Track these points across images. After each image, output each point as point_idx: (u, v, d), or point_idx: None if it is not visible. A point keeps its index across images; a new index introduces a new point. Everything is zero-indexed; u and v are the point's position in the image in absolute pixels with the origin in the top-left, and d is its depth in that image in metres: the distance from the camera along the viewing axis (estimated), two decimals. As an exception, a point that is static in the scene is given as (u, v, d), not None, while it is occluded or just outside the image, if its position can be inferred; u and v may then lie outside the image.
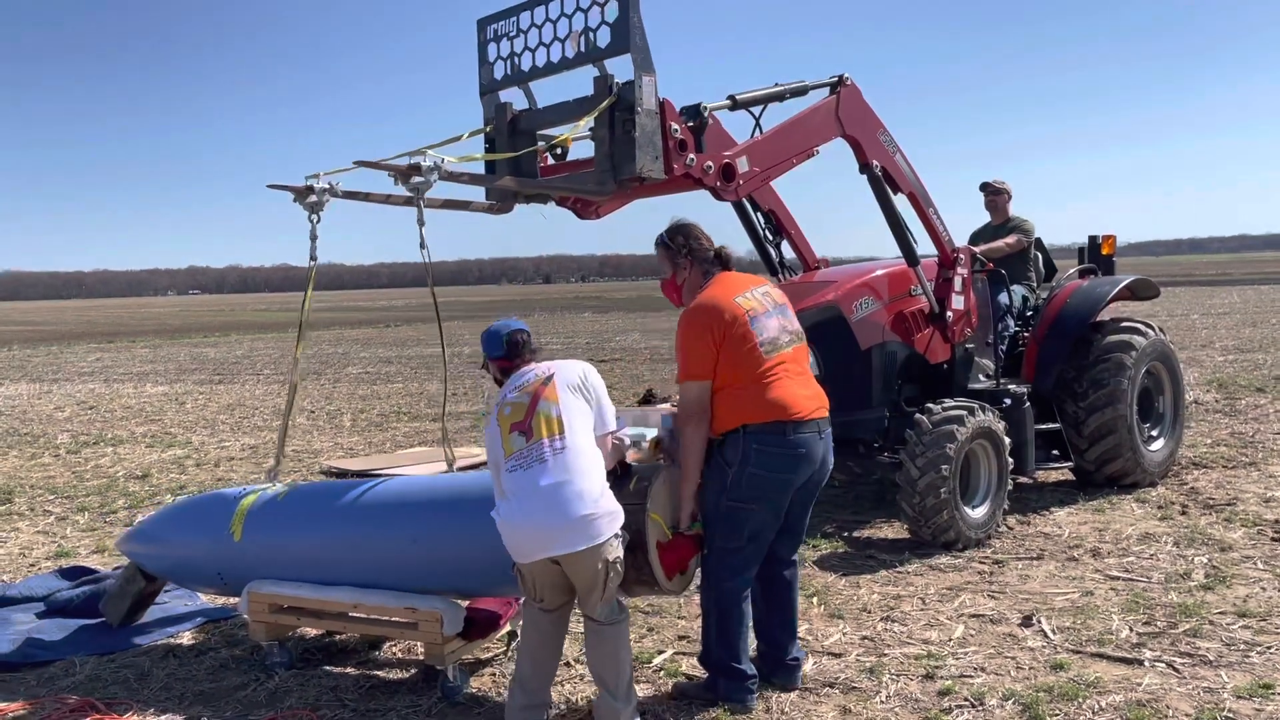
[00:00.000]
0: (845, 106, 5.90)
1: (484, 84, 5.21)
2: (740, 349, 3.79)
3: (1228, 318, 24.59)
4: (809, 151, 5.78)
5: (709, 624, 3.92)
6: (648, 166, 4.58)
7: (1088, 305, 7.20)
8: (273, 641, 4.48)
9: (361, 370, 20.04)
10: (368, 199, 4.76)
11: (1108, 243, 8.00)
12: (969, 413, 5.92)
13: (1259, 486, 7.10)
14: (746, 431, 3.77)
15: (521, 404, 3.64)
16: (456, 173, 4.27)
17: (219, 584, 4.71)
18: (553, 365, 3.79)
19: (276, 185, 4.53)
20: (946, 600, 5.05)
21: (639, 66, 4.49)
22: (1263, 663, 4.09)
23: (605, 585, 3.55)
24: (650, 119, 4.56)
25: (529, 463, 3.52)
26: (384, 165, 4.09)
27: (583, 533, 3.45)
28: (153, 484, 8.95)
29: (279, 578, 4.42)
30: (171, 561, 4.76)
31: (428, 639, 4.13)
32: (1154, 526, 6.21)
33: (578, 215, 5.88)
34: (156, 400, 15.87)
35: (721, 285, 3.94)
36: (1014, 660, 4.25)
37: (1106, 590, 5.09)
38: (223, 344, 31.85)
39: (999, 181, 7.76)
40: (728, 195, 5.33)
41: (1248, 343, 17.85)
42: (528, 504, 3.49)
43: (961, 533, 5.84)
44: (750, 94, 5.60)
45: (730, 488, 3.77)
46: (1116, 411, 6.90)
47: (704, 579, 3.92)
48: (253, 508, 4.54)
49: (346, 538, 4.32)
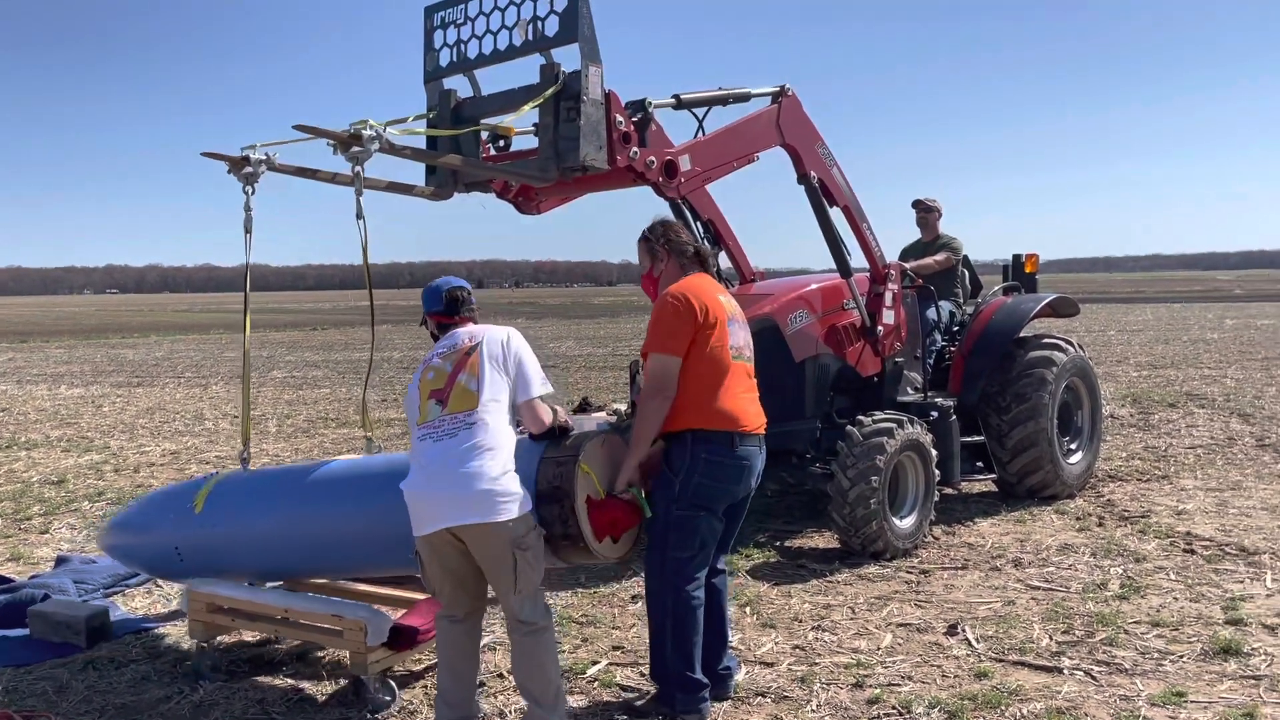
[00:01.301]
0: (785, 116, 6.00)
1: (429, 71, 5.16)
2: (711, 345, 3.82)
3: (1142, 334, 25.44)
4: (750, 157, 5.88)
5: (663, 636, 3.85)
6: (591, 156, 4.59)
7: (1012, 322, 7.41)
8: (204, 643, 4.46)
9: (287, 374, 19.67)
10: (303, 174, 4.69)
11: (1030, 261, 8.25)
12: (898, 425, 6.04)
13: (1171, 499, 7.37)
14: (695, 438, 3.78)
15: (444, 372, 3.66)
16: (399, 146, 4.21)
17: (176, 563, 4.56)
18: (479, 333, 3.77)
19: (211, 154, 4.46)
20: (875, 609, 5.15)
21: (586, 56, 4.50)
22: (1175, 671, 4.25)
23: (516, 573, 3.48)
24: (596, 109, 4.58)
25: (440, 435, 3.54)
26: (324, 132, 4.01)
27: (482, 506, 3.43)
28: (69, 490, 8.69)
29: (235, 554, 4.41)
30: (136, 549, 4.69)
31: (352, 647, 4.09)
32: (1072, 537, 6.40)
33: (519, 209, 5.87)
34: (72, 403, 15.40)
35: (704, 281, 3.98)
36: (940, 669, 4.35)
37: (1027, 600, 5.23)
38: (142, 345, 31.03)
39: (931, 199, 7.95)
40: (669, 192, 5.38)
41: (1161, 359, 18.49)
42: (431, 473, 3.51)
43: (890, 543, 5.96)
44: (694, 95, 5.67)
45: (678, 497, 3.78)
46: (1038, 425, 7.10)
47: (656, 590, 3.87)
48: (219, 483, 4.53)
49: (306, 514, 4.29)
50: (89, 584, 5.61)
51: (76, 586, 5.54)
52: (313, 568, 4.57)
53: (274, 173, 4.55)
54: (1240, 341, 22.26)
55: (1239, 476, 8.11)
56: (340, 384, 17.62)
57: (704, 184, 5.78)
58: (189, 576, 4.56)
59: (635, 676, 4.35)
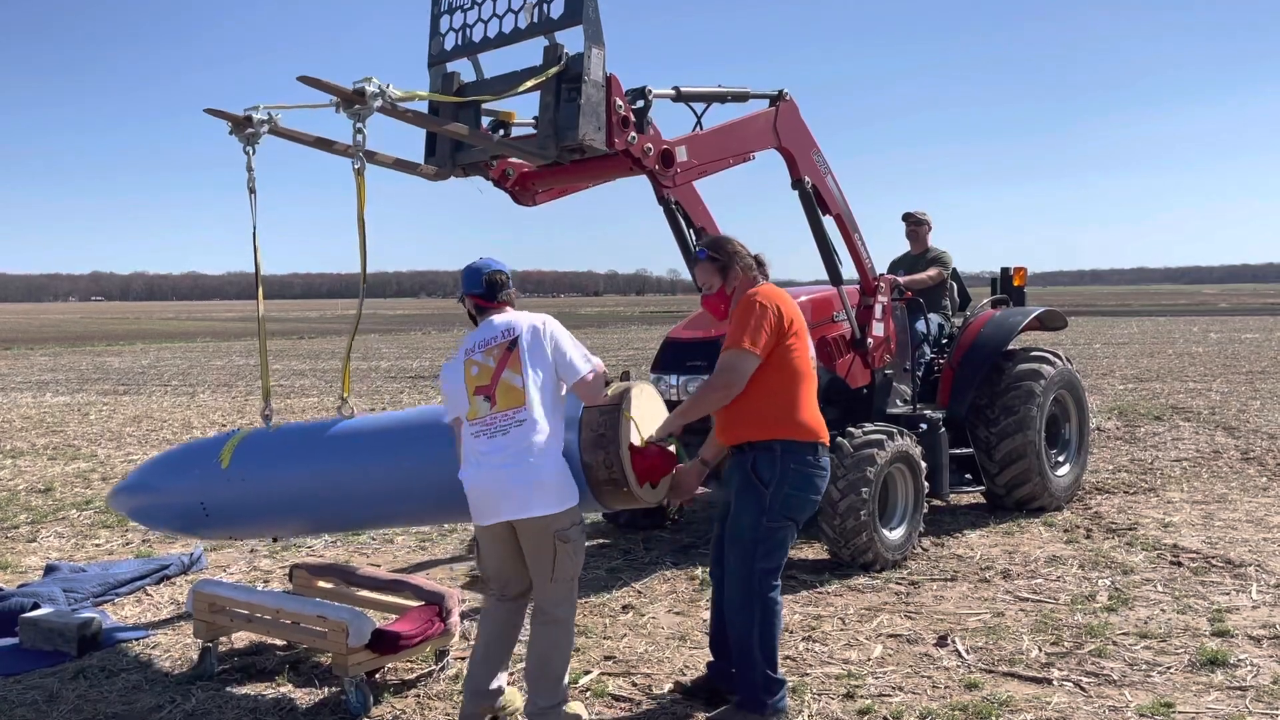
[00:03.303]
0: (783, 120, 6.06)
1: (433, 55, 5.18)
2: (795, 353, 3.88)
3: (1128, 347, 25.60)
4: (746, 155, 5.93)
5: (751, 643, 3.84)
6: (590, 135, 4.62)
7: (1000, 335, 7.46)
8: (208, 643, 4.55)
9: (274, 383, 19.60)
10: (304, 141, 4.70)
11: (1019, 274, 8.31)
12: (888, 437, 6.08)
13: (1158, 512, 7.42)
14: (785, 449, 3.84)
15: (487, 368, 3.77)
16: (401, 108, 4.22)
17: (201, 519, 4.59)
18: (516, 324, 3.82)
19: (214, 111, 4.46)
20: (865, 620, 5.17)
21: (589, 38, 4.54)
22: (1163, 682, 4.28)
23: (555, 561, 3.69)
24: (597, 90, 4.62)
25: (493, 432, 3.70)
26: (328, 85, 4.00)
27: (534, 501, 3.64)
28: (56, 498, 8.65)
29: (263, 508, 4.47)
30: (158, 508, 4.71)
31: (334, 648, 4.13)
32: (1060, 549, 6.44)
33: (515, 200, 5.89)
34: (58, 411, 15.32)
35: (780, 289, 4.03)
36: (930, 680, 4.38)
37: (1016, 611, 5.27)
38: (127, 353, 30.89)
39: (921, 213, 8.01)
40: (665, 181, 5.40)
41: (1146, 372, 18.61)
42: (487, 469, 3.69)
43: (880, 554, 5.99)
44: (694, 89, 5.72)
45: (769, 509, 3.82)
46: (1026, 437, 7.14)
47: (744, 602, 3.86)
48: (245, 438, 4.57)
49: (342, 466, 4.36)
50: (78, 593, 5.59)
51: (66, 595, 5.51)
52: (343, 520, 4.67)
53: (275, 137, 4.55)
54: (1225, 355, 22.43)
55: (1224, 489, 8.17)
56: (327, 393, 17.57)
57: (700, 176, 5.82)
58: (212, 531, 4.66)
59: (627, 686, 4.37)
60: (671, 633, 5.04)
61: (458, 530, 7.30)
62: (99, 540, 7.23)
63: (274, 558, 6.65)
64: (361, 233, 4.20)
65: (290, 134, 4.62)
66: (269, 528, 4.75)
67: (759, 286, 3.99)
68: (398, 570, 6.09)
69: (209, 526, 4.65)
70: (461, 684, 4.06)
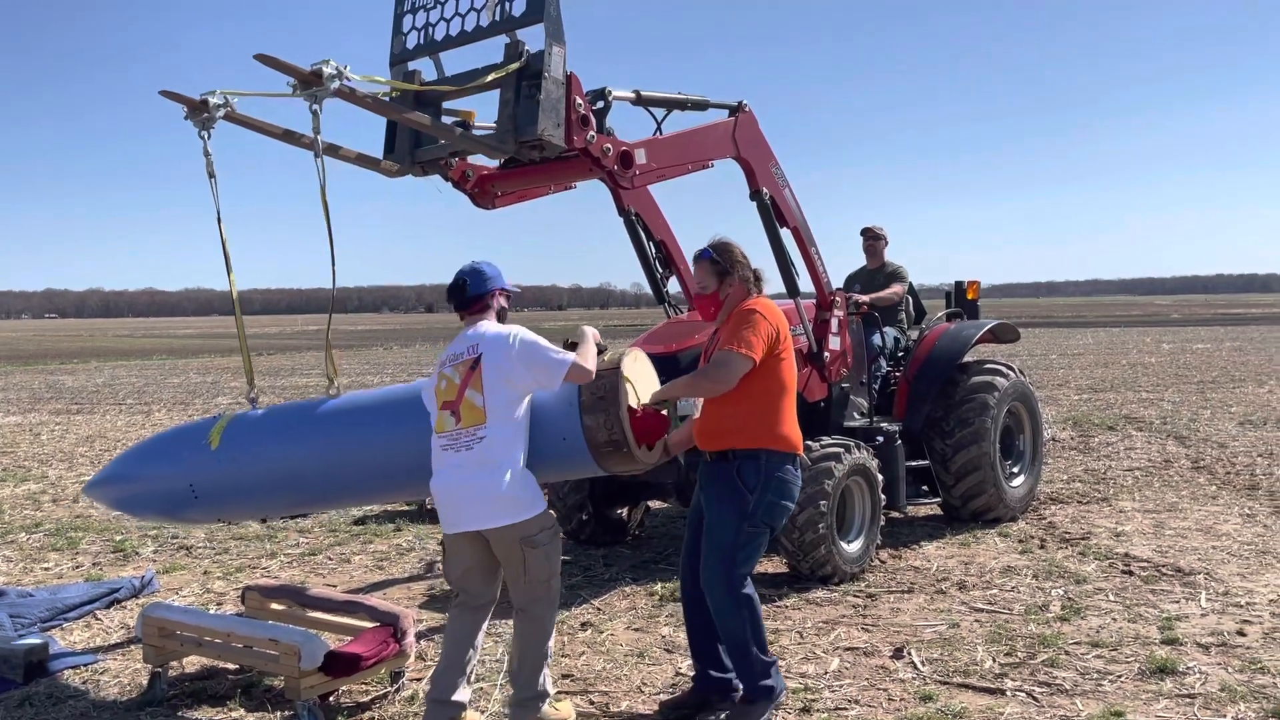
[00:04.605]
0: (742, 130, 6.11)
1: (395, 54, 5.17)
2: (784, 367, 4.07)
3: (1082, 358, 25.98)
4: (704, 163, 5.97)
5: (745, 637, 4.01)
6: (549, 131, 4.63)
7: (955, 347, 7.55)
8: (158, 668, 4.50)
9: (232, 400, 19.36)
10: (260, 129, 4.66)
11: (972, 288, 8.42)
12: (845, 450, 6.12)
13: (1110, 521, 7.53)
14: (769, 458, 4.00)
15: (454, 383, 3.92)
16: (359, 93, 4.19)
17: (189, 501, 4.52)
18: (483, 340, 3.94)
19: (170, 94, 4.40)
20: (823, 634, 5.20)
21: (550, 36, 4.56)
22: (1114, 691, 4.34)
23: (525, 565, 3.84)
24: (557, 87, 4.63)
25: (458, 446, 3.86)
26: (284, 65, 3.97)
27: (497, 512, 3.80)
28: (4, 521, 8.49)
29: (254, 488, 4.45)
30: (143, 495, 4.65)
31: (286, 671, 4.08)
32: (1015, 560, 6.52)
33: (474, 202, 5.88)
34: (8, 431, 15.03)
35: (774, 304, 4.17)
36: (885, 692, 4.41)
37: (971, 622, 5.32)
38: (81, 371, 30.36)
39: (878, 228, 8.11)
40: (623, 182, 5.42)
41: (1100, 382, 18.91)
42: (454, 482, 3.86)
43: (838, 567, 6.02)
44: (654, 94, 5.75)
45: (750, 514, 3.98)
46: (981, 449, 7.23)
47: (728, 604, 4.01)
48: (234, 419, 4.55)
49: (338, 442, 4.37)
50: (25, 618, 5.47)
51: (13, 621, 5.40)
52: (336, 494, 4.64)
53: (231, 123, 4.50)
54: (1177, 365, 22.84)
55: (1175, 498, 8.32)
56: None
57: (658, 180, 5.86)
58: (200, 514, 4.62)
59: (585, 705, 4.35)
60: (630, 649, 5.03)
61: (416, 549, 7.25)
62: (48, 564, 7.10)
63: (228, 579, 6.57)
64: (326, 216, 4.24)
65: (249, 121, 4.60)
66: (259, 508, 4.73)
67: (757, 299, 4.16)
68: (354, 591, 6.04)
69: (197, 509, 4.58)
70: (418, 705, 4.04)
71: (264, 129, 4.70)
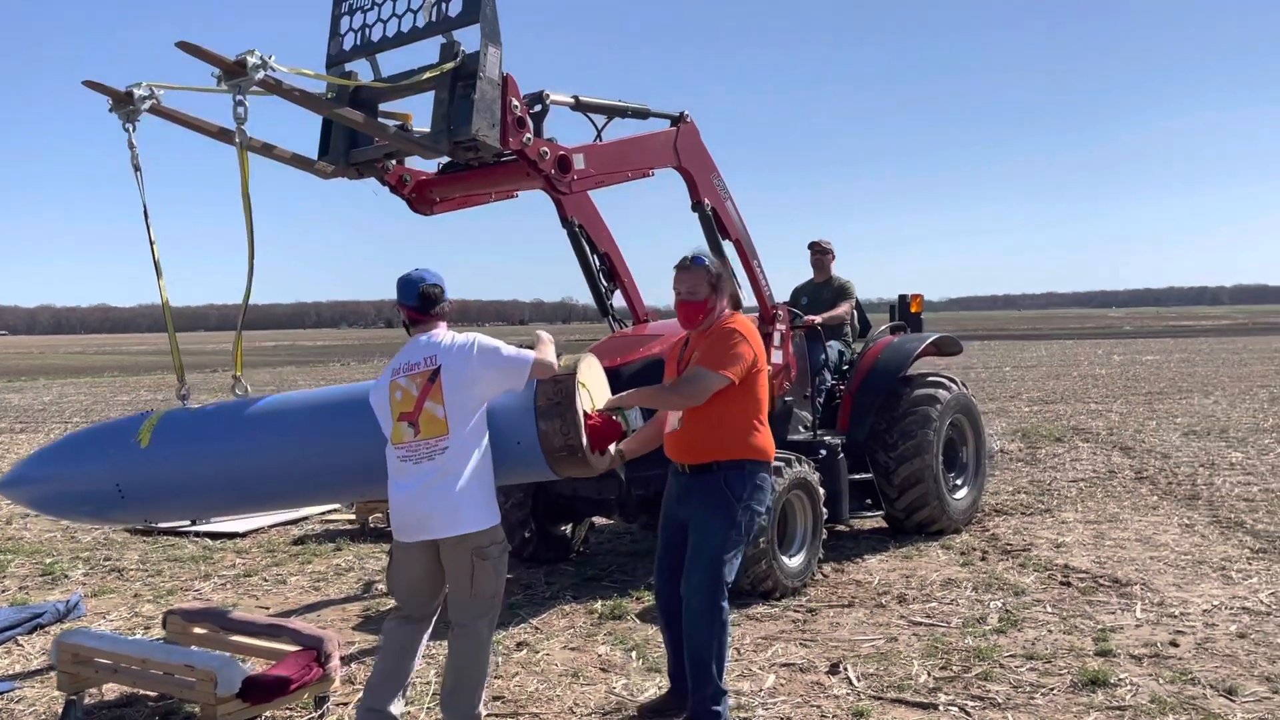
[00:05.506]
0: (683, 141, 6.10)
1: (332, 55, 5.09)
2: (761, 383, 4.17)
3: (1035, 370, 26.30)
4: (644, 171, 5.95)
5: (709, 652, 4.01)
6: (484, 131, 4.57)
7: (898, 360, 7.57)
8: (72, 695, 4.34)
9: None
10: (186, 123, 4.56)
11: (916, 301, 8.46)
12: (786, 464, 6.10)
13: (1052, 532, 7.58)
14: (752, 468, 4.11)
15: (411, 395, 3.86)
16: (286, 85, 4.11)
17: (115, 502, 4.35)
18: (441, 349, 3.87)
19: (93, 84, 4.30)
20: (761, 650, 5.16)
21: (486, 36, 4.51)
22: (1045, 703, 4.34)
23: (473, 576, 3.82)
24: (492, 87, 4.58)
25: (417, 458, 3.83)
26: (209, 55, 3.88)
27: (458, 519, 3.79)
28: (-68, 544, 8.22)
29: (184, 488, 4.31)
30: (64, 495, 4.47)
31: (201, 699, 3.98)
32: (956, 572, 6.52)
33: (412, 207, 5.81)
34: (-55, 451, 14.63)
35: (751, 324, 4.25)
36: (819, 709, 4.37)
37: (909, 636, 5.30)
38: (29, 389, 29.70)
39: (825, 242, 8.12)
40: (561, 188, 5.38)
41: (1051, 394, 19.13)
42: (412, 493, 3.82)
43: (779, 581, 5.99)
44: (594, 100, 5.71)
45: (737, 524, 4.06)
46: (924, 462, 7.24)
47: (705, 610, 4.01)
48: (165, 416, 4.39)
49: (271, 442, 4.25)
50: (-59, 646, 5.30)
51: (-74, 649, 5.22)
52: (268, 495, 4.53)
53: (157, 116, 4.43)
54: (1126, 376, 23.19)
55: (1116, 509, 8.39)
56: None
57: (596, 186, 5.81)
58: (127, 515, 4.50)
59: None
60: (565, 669, 4.96)
61: (354, 569, 7.13)
62: (-28, 588, 6.88)
63: (158, 603, 6.40)
64: (247, 210, 4.19)
65: (178, 116, 4.51)
66: (189, 508, 4.61)
67: (737, 317, 4.22)
68: (287, 613, 5.92)
69: (123, 509, 4.42)
70: None
71: (195, 125, 4.61)
